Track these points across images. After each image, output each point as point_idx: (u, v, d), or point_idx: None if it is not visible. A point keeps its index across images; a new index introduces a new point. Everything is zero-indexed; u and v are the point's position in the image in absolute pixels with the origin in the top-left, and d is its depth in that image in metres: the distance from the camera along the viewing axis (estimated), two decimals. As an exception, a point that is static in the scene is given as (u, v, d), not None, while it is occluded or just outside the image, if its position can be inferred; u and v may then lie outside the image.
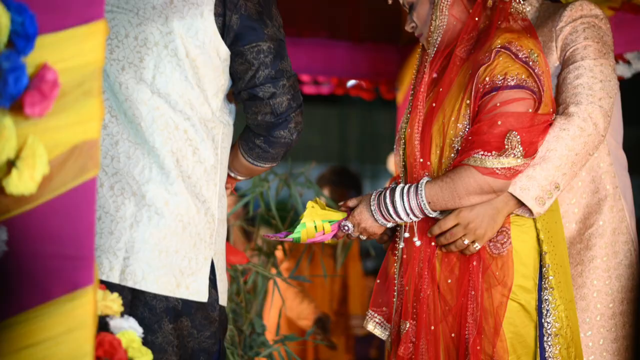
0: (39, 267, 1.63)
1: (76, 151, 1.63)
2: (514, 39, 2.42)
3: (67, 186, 1.63)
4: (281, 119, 2.32)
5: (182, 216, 2.26)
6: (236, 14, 2.27)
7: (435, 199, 2.41)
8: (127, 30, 2.26)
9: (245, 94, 2.32)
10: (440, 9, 2.48)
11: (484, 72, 2.40)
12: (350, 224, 2.53)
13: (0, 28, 1.52)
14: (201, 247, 2.29)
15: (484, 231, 2.41)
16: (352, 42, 4.65)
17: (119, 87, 2.25)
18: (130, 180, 2.24)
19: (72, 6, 1.64)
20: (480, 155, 2.35)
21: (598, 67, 2.61)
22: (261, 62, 2.28)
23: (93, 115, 1.63)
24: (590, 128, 2.51)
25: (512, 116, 2.36)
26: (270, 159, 2.41)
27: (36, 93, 1.54)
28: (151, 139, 2.24)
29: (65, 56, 1.62)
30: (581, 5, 2.72)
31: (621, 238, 2.76)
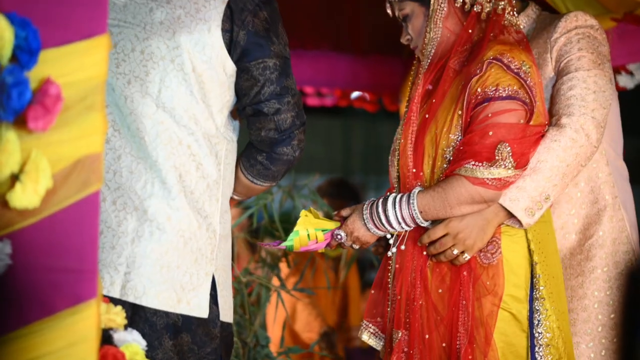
0: (42, 281, 1.64)
1: (79, 165, 1.64)
2: (506, 51, 2.44)
3: (70, 200, 1.64)
4: (285, 135, 2.33)
5: (184, 231, 2.26)
6: (243, 30, 2.28)
7: (427, 208, 2.43)
8: (133, 44, 2.26)
9: (250, 109, 2.32)
10: (435, 21, 2.50)
11: (476, 84, 2.42)
12: (343, 233, 2.54)
13: (4, 43, 1.53)
14: (202, 262, 2.29)
15: (473, 242, 2.42)
16: (356, 54, 4.66)
17: (124, 101, 2.26)
18: (132, 195, 2.24)
19: (75, 21, 1.65)
20: (471, 165, 2.37)
21: (592, 78, 2.61)
22: (267, 79, 2.29)
23: (96, 129, 1.64)
24: (582, 139, 2.51)
25: (504, 127, 2.37)
26: (270, 177, 2.42)
27: (39, 107, 1.55)
28: (154, 153, 2.25)
29: (68, 70, 1.63)
30: (576, 16, 2.73)
31: (622, 248, 2.76)
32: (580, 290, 2.75)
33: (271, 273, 3.70)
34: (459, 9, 2.51)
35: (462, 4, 2.51)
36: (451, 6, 2.51)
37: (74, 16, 1.65)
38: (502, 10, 2.51)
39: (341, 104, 4.98)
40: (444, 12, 2.51)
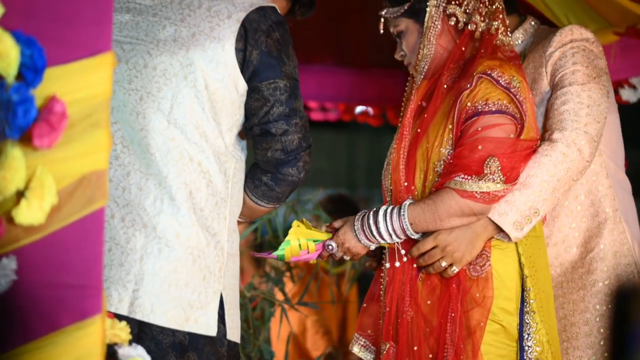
0: (47, 297, 1.65)
1: (84, 182, 1.64)
2: (496, 66, 2.46)
3: (75, 216, 1.64)
4: (290, 156, 2.34)
5: (193, 249, 2.26)
6: (257, 50, 2.28)
7: (417, 220, 2.45)
8: (145, 61, 2.27)
9: (258, 129, 2.33)
10: (428, 38, 2.54)
11: (466, 98, 2.45)
12: (334, 244, 2.56)
13: (10, 61, 1.55)
14: (210, 280, 2.28)
15: (462, 254, 2.44)
16: (359, 69, 4.67)
17: (136, 117, 2.26)
18: (141, 212, 2.24)
19: (80, 39, 1.66)
20: (460, 178, 2.40)
21: (586, 92, 2.62)
22: (276, 99, 2.30)
23: (101, 146, 1.65)
24: (574, 154, 2.52)
25: (493, 142, 2.40)
26: (274, 198, 2.42)
27: (45, 125, 1.56)
28: (165, 169, 2.24)
29: (74, 88, 1.64)
30: (571, 29, 2.73)
31: (623, 261, 2.75)
32: (581, 303, 2.75)
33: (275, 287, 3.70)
34: (453, 27, 2.55)
35: (456, 22, 2.54)
36: (445, 24, 2.54)
37: (78, 34, 1.67)
38: (495, 30, 2.54)
39: (345, 118, 5.00)
40: (438, 29, 2.54)
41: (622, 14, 3.45)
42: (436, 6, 2.54)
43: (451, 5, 2.54)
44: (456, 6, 2.54)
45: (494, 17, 2.56)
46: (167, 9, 2.29)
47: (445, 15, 2.55)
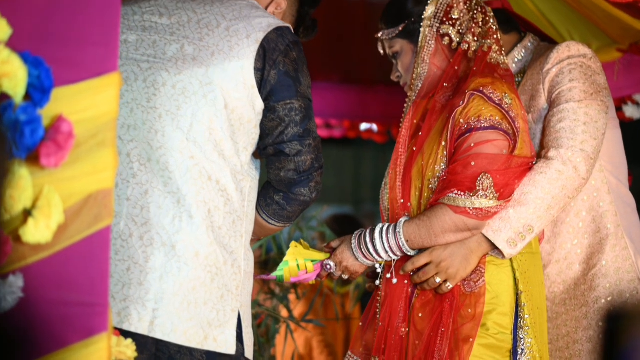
0: (54, 314, 1.66)
1: (91, 200, 1.66)
2: (488, 84, 2.48)
3: (82, 234, 1.66)
4: (303, 176, 2.35)
5: (211, 267, 2.25)
6: (274, 70, 2.29)
7: (413, 237, 2.47)
8: (164, 79, 2.27)
9: (272, 149, 2.34)
10: (422, 58, 2.57)
11: (458, 115, 2.47)
12: (332, 263, 2.58)
13: (18, 81, 1.57)
14: (228, 298, 2.28)
15: (456, 270, 2.45)
16: (364, 86, 4.69)
17: (155, 135, 2.25)
18: (160, 231, 2.22)
19: (86, 59, 1.68)
20: (454, 194, 2.41)
21: (582, 110, 2.61)
22: (291, 120, 2.31)
23: (107, 165, 1.67)
24: (570, 172, 2.52)
25: (486, 158, 2.41)
26: (285, 217, 2.43)
27: (52, 144, 1.58)
28: (185, 188, 2.23)
29: (80, 108, 1.66)
30: (568, 46, 2.73)
31: (626, 277, 2.73)
32: (584, 320, 2.74)
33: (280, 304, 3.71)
34: (447, 47, 2.58)
35: (450, 42, 2.57)
36: (439, 44, 2.57)
37: (85, 55, 1.69)
38: (488, 49, 2.56)
39: (350, 135, 5.01)
40: (432, 49, 2.57)
41: (625, 31, 3.46)
42: (430, 26, 2.57)
43: (444, 25, 2.57)
44: (449, 26, 2.57)
45: (487, 36, 2.58)
46: (185, 28, 2.30)
47: (439, 35, 2.58)
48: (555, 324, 2.78)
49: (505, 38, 2.87)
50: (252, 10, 2.33)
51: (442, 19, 2.58)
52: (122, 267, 2.20)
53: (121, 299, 2.19)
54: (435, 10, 2.58)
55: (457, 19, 2.57)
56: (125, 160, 2.23)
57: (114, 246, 2.20)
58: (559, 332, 2.79)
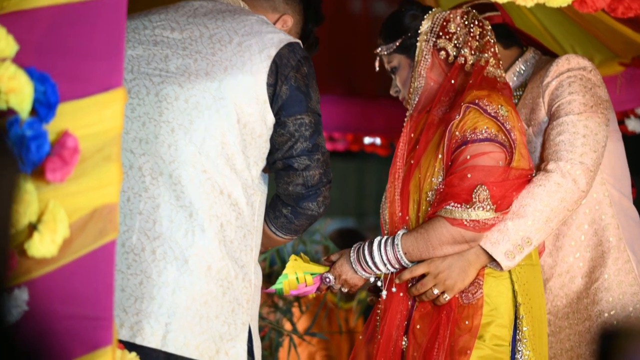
0: (59, 328, 1.67)
1: (96, 215, 1.67)
2: (484, 96, 2.49)
3: (87, 249, 1.67)
4: (311, 191, 2.36)
5: (223, 281, 2.25)
6: (286, 85, 2.31)
7: (411, 249, 2.48)
8: (176, 93, 2.27)
9: (281, 163, 2.35)
10: (419, 72, 2.59)
11: (454, 128, 2.48)
12: (331, 276, 2.59)
13: (24, 97, 1.58)
14: (239, 312, 2.29)
15: (454, 282, 2.46)
16: (368, 99, 4.70)
17: (167, 148, 2.25)
18: (173, 245, 2.22)
19: (92, 75, 1.70)
20: (451, 206, 2.42)
21: (582, 122, 2.61)
22: (301, 135, 2.32)
23: (112, 179, 1.68)
24: (569, 184, 2.52)
25: (483, 170, 2.42)
26: (292, 230, 2.44)
27: (57, 159, 1.59)
28: (197, 202, 2.24)
29: (86, 123, 1.67)
30: (567, 59, 2.73)
31: (629, 290, 2.72)
32: (588, 335, 2.73)
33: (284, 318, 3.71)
34: (443, 61, 2.59)
35: (446, 56, 2.58)
36: (435, 58, 2.59)
37: (91, 70, 1.70)
38: (485, 62, 2.57)
39: (353, 148, 5.02)
40: (428, 63, 2.59)
41: (628, 45, 3.48)
42: (426, 41, 2.59)
43: (441, 39, 2.59)
44: (446, 41, 2.59)
45: (484, 50, 2.59)
46: (197, 43, 2.31)
47: (436, 49, 2.59)
48: (559, 338, 2.78)
49: (506, 52, 2.89)
50: (262, 26, 2.35)
51: (438, 33, 2.59)
52: (135, 281, 2.20)
53: (134, 313, 2.19)
54: (431, 25, 2.60)
55: (454, 32, 2.59)
56: (137, 174, 2.24)
57: (126, 260, 2.20)
58: (562, 346, 2.79)
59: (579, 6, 2.19)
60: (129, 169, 2.23)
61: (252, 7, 2.49)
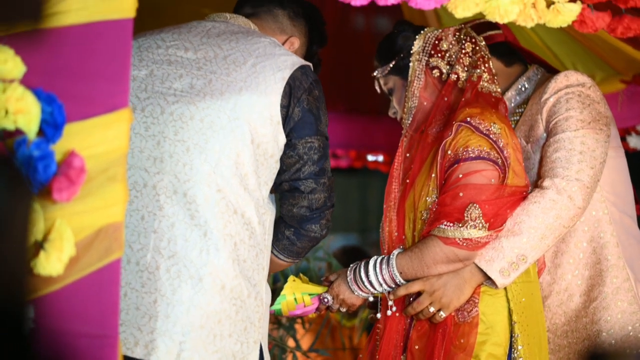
0: (65, 346, 1.68)
1: (101, 234, 1.69)
2: (476, 114, 2.49)
3: (92, 267, 1.69)
4: (315, 214, 2.39)
5: (236, 300, 2.27)
6: (298, 107, 2.34)
7: (405, 268, 2.49)
8: (192, 113, 2.28)
9: (287, 185, 2.38)
10: (412, 92, 2.60)
11: (447, 147, 2.49)
12: (329, 296, 2.61)
13: (32, 118, 1.60)
14: (251, 330, 2.30)
15: (449, 300, 2.46)
16: (370, 116, 4.71)
17: (182, 167, 2.26)
18: (187, 264, 2.23)
19: (98, 96, 1.72)
20: (444, 225, 2.43)
21: (579, 139, 2.60)
22: (309, 158, 2.36)
23: (117, 199, 1.70)
24: (564, 200, 2.51)
25: (474, 188, 2.42)
26: (294, 253, 2.46)
27: (64, 179, 1.61)
28: (212, 221, 2.25)
29: (92, 143, 1.69)
30: (566, 75, 2.72)
31: (628, 309, 2.70)
32: (587, 354, 2.68)
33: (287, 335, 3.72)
34: (437, 79, 2.60)
35: (440, 74, 2.60)
36: (429, 76, 2.60)
37: (97, 91, 1.72)
38: (477, 78, 2.58)
39: (356, 165, 5.03)
40: (422, 82, 2.60)
41: (629, 62, 3.49)
42: (418, 60, 2.61)
43: (433, 58, 2.60)
44: (439, 59, 2.60)
45: (477, 66, 2.59)
46: (211, 64, 2.34)
47: (428, 68, 2.61)
48: (558, 356, 2.76)
49: (508, 70, 2.89)
50: (275, 48, 2.38)
51: (430, 52, 2.61)
52: (149, 299, 2.21)
53: (148, 331, 2.20)
54: (423, 44, 2.62)
55: (446, 50, 2.60)
56: (151, 192, 2.24)
57: (140, 278, 2.21)
58: None
59: (579, 26, 2.20)
60: (143, 187, 2.24)
61: (261, 28, 2.53)
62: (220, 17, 2.50)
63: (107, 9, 1.74)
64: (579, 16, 2.18)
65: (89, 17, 1.72)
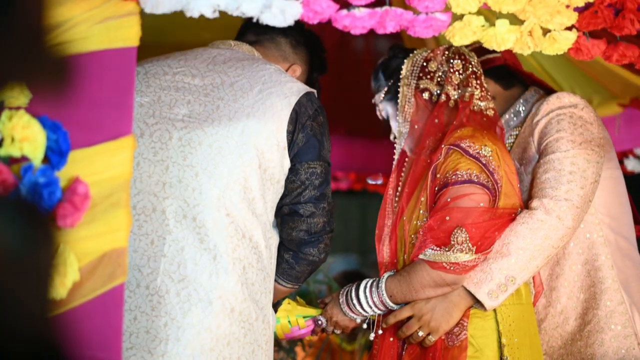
0: (68, 369, 1.70)
1: (105, 259, 1.71)
2: (466, 136, 2.49)
3: (96, 292, 1.71)
4: (314, 237, 2.41)
5: (244, 323, 2.29)
6: (302, 133, 2.36)
7: (395, 292, 2.49)
8: (200, 138, 2.31)
9: (287, 208, 2.40)
10: (404, 117, 2.61)
11: (437, 170, 2.48)
12: (323, 319, 2.63)
13: (37, 145, 1.63)
14: (259, 353, 2.32)
15: (438, 324, 2.46)
16: (370, 138, 4.73)
17: (192, 192, 2.28)
18: (197, 287, 2.24)
19: (102, 123, 1.75)
20: (431, 250, 2.43)
21: (568, 159, 2.58)
22: (311, 183, 2.38)
23: (121, 225, 1.73)
24: (553, 221, 2.49)
25: (461, 212, 2.41)
26: (293, 277, 2.48)
27: (68, 206, 1.64)
28: (221, 245, 2.26)
29: (96, 170, 1.72)
30: (559, 97, 2.71)
31: (622, 333, 2.67)
32: None
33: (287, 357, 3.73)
34: (427, 101, 2.60)
35: (430, 95, 2.60)
36: (419, 99, 2.61)
37: (101, 118, 1.75)
38: (469, 97, 2.57)
39: (356, 187, 5.05)
40: (413, 107, 2.61)
41: (626, 86, 3.52)
42: (407, 85, 2.62)
43: (422, 80, 2.61)
44: (427, 80, 2.60)
45: (468, 83, 2.59)
46: (219, 90, 2.37)
47: (418, 91, 2.61)
48: (556, 379, 2.75)
49: (507, 93, 2.89)
50: (281, 75, 2.41)
51: (418, 75, 2.61)
52: (159, 322, 2.21)
53: (159, 355, 2.20)
54: (411, 68, 2.62)
55: (435, 70, 2.60)
56: (160, 216, 2.25)
57: (150, 302, 2.22)
58: None
59: (574, 54, 2.24)
60: (152, 212, 2.25)
61: (265, 56, 2.57)
62: (225, 45, 2.54)
63: (112, 38, 1.77)
64: (575, 44, 2.22)
65: (94, 46, 1.75)
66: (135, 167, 2.18)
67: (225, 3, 1.91)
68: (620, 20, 2.19)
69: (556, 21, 2.15)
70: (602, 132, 2.69)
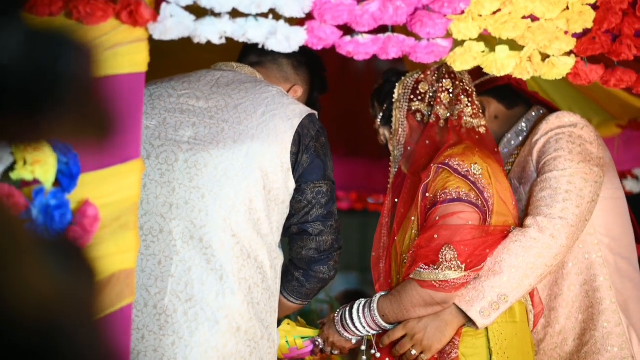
0: (76, 388, 1.73)
1: (114, 279, 1.74)
2: (456, 155, 2.50)
3: (105, 312, 1.74)
4: (323, 255, 2.45)
5: (250, 341, 2.32)
6: (306, 154, 2.40)
7: (387, 312, 2.51)
8: (206, 160, 2.34)
9: (296, 228, 2.44)
10: (397, 140, 2.65)
11: (427, 189, 2.50)
12: (320, 339, 2.65)
13: (48, 168, 1.67)
14: None
15: (431, 342, 2.47)
16: (371, 158, 4.76)
17: (198, 214, 2.31)
18: (204, 306, 2.27)
19: (111, 147, 1.78)
20: (420, 268, 2.43)
21: (565, 178, 2.57)
22: (317, 202, 2.41)
23: (129, 246, 1.76)
24: (546, 239, 2.48)
25: (449, 229, 2.42)
26: (303, 294, 2.51)
27: (79, 228, 1.67)
28: (227, 265, 2.30)
29: (105, 192, 1.75)
30: (558, 116, 2.70)
31: (619, 354, 2.65)
32: None
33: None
34: (419, 123, 2.63)
35: (422, 117, 2.62)
36: (412, 121, 2.63)
37: (110, 142, 1.79)
38: (458, 116, 2.59)
39: (357, 207, 5.06)
40: (406, 130, 2.63)
41: (624, 108, 3.56)
42: (399, 108, 2.64)
43: (413, 102, 2.63)
44: (419, 102, 2.63)
45: (458, 101, 2.61)
46: (223, 112, 2.41)
47: (410, 113, 2.63)
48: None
49: (510, 113, 2.88)
50: (284, 97, 2.45)
51: (409, 97, 2.63)
52: (167, 341, 2.25)
53: None
54: (402, 91, 2.65)
55: (425, 92, 2.63)
56: (167, 237, 2.29)
57: (158, 321, 2.25)
58: None
59: (573, 79, 2.27)
60: (160, 233, 2.29)
61: (267, 77, 2.61)
62: (227, 67, 2.57)
63: (121, 63, 1.81)
64: (573, 69, 2.25)
65: (104, 72, 1.79)
66: (142, 189, 2.22)
67: (232, 29, 1.94)
68: (618, 46, 2.22)
69: (555, 47, 2.19)
70: (602, 152, 2.69)
